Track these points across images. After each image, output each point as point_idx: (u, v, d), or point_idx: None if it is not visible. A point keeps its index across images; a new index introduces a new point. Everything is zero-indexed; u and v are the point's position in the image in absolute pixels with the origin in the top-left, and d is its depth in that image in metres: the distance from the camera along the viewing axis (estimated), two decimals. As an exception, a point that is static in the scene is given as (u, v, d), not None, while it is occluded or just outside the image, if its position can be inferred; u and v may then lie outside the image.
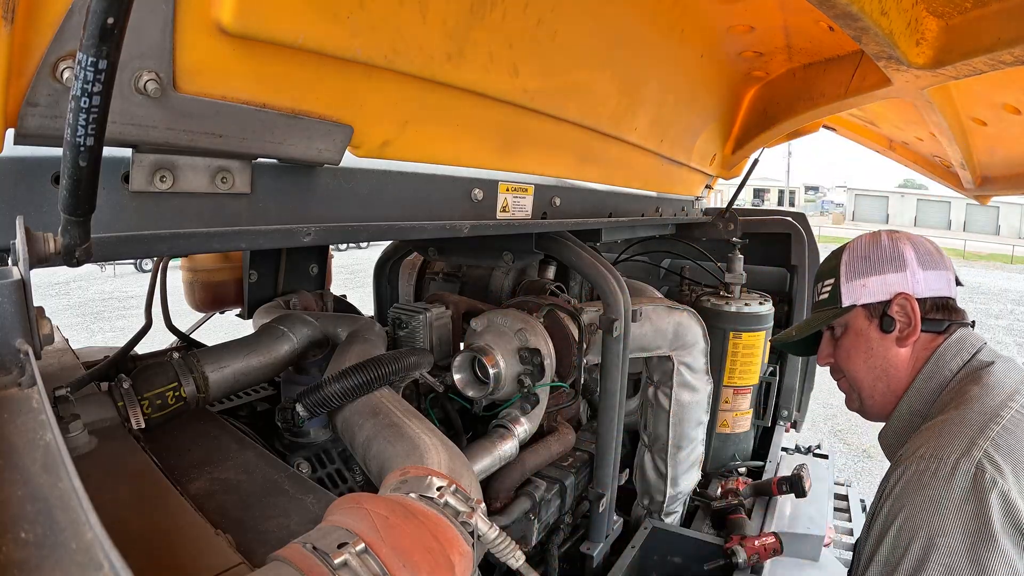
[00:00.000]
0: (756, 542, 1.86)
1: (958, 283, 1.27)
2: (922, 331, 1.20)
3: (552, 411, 1.66)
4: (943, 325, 1.21)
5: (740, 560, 1.83)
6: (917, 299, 1.21)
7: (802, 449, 3.36)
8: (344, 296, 2.09)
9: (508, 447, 1.42)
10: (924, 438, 1.03)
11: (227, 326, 2.31)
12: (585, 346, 1.60)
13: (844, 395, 1.37)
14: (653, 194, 2.22)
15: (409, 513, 0.70)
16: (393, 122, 0.98)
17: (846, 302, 1.27)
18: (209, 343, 1.49)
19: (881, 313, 1.23)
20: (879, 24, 1.18)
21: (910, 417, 1.21)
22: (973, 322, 1.26)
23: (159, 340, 1.70)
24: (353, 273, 13.62)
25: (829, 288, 1.32)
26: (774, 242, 2.94)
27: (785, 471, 2.44)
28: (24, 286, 0.51)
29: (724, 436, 2.54)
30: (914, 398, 1.20)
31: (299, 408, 1.13)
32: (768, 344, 2.53)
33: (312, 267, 2.02)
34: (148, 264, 12.55)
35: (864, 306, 1.25)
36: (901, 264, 1.23)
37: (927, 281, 1.22)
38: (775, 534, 1.90)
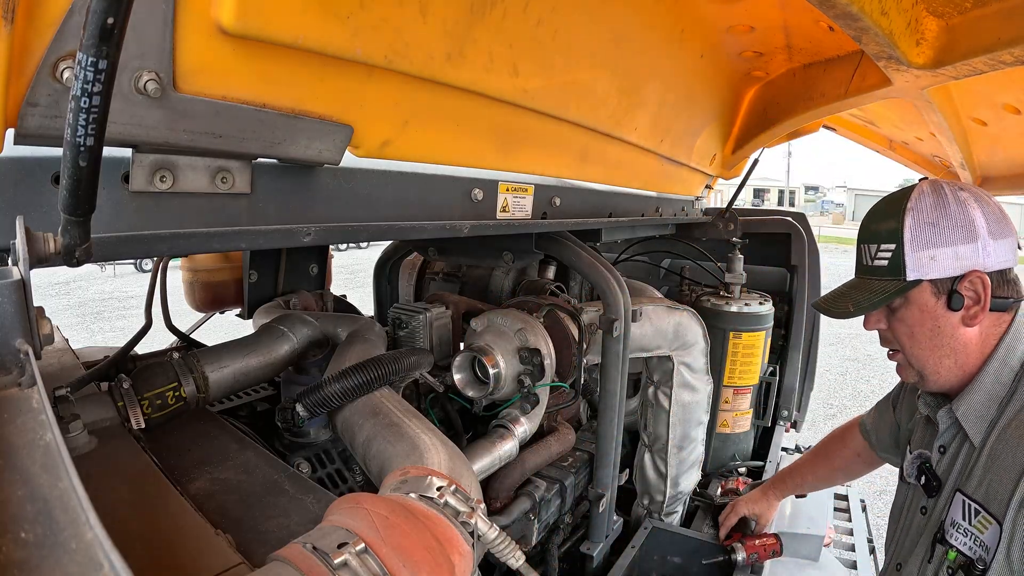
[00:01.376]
0: (756, 541, 1.86)
1: (1020, 247, 1.20)
2: (989, 310, 1.14)
3: (552, 411, 1.66)
4: (1008, 303, 1.15)
5: (739, 558, 1.83)
6: (988, 274, 1.13)
7: (802, 449, 3.36)
8: (344, 296, 2.09)
9: (508, 447, 1.42)
10: None
11: (227, 326, 2.31)
12: (585, 346, 1.60)
13: (897, 365, 1.29)
14: (653, 194, 2.22)
15: (409, 513, 0.70)
16: (393, 122, 0.98)
17: (912, 275, 1.15)
18: (209, 343, 1.49)
19: (950, 289, 1.14)
20: (879, 24, 1.18)
21: (988, 402, 1.15)
22: None
23: (159, 340, 1.70)
24: (353, 273, 13.62)
25: (888, 255, 1.19)
26: (774, 242, 2.94)
27: (785, 471, 2.44)
28: (24, 286, 0.51)
29: (724, 436, 2.54)
30: (990, 382, 1.15)
31: (299, 408, 1.13)
32: (768, 344, 2.53)
33: (312, 267, 2.02)
34: (148, 264, 12.56)
35: (931, 281, 1.15)
36: (972, 234, 1.12)
37: (997, 253, 1.13)
38: (775, 535, 1.90)
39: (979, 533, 1.08)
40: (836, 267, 10.89)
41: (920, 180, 1.24)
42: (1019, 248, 1.19)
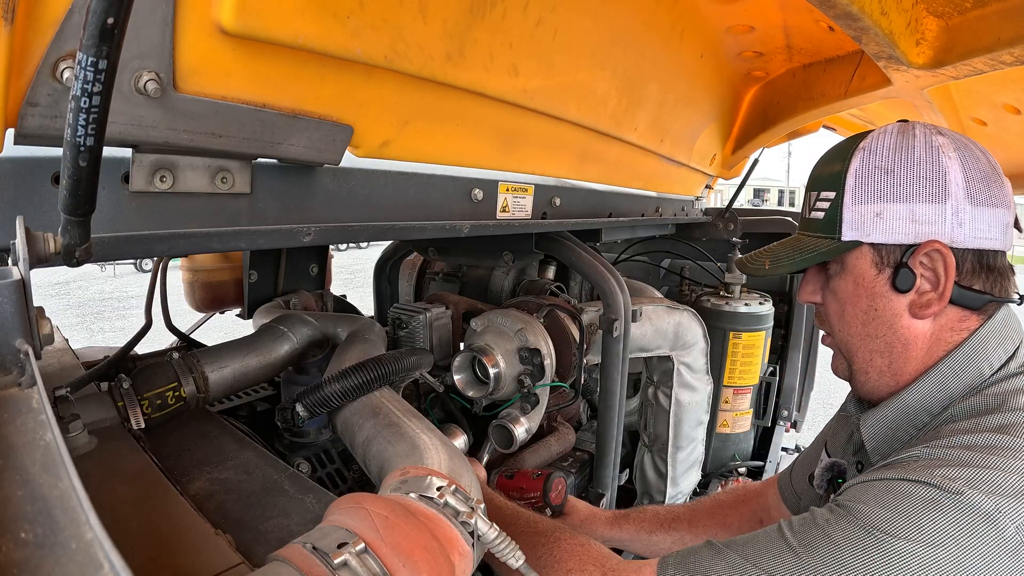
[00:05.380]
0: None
1: (1018, 228, 0.89)
2: (950, 303, 0.83)
3: (552, 411, 1.66)
4: (981, 301, 0.84)
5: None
6: (955, 251, 0.82)
7: (802, 449, 3.36)
8: (344, 296, 2.09)
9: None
10: (952, 456, 0.74)
11: (227, 326, 2.31)
12: (585, 346, 1.60)
13: (832, 355, 1.02)
14: (653, 194, 2.22)
15: (409, 513, 0.70)
16: (393, 122, 0.98)
17: (848, 235, 0.88)
18: (209, 343, 1.49)
19: (897, 262, 0.85)
20: (879, 24, 1.18)
21: (899, 427, 0.89)
22: (1023, 296, 0.89)
23: (159, 340, 1.70)
24: (353, 273, 13.62)
25: (827, 205, 0.91)
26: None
27: (785, 471, 2.44)
28: (24, 286, 0.51)
29: (724, 436, 2.54)
30: (930, 393, 0.86)
31: (299, 408, 1.13)
32: (768, 344, 2.53)
33: (312, 267, 2.02)
34: (148, 264, 12.55)
35: (873, 246, 0.87)
36: (940, 190, 0.82)
37: (974, 223, 0.82)
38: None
39: None
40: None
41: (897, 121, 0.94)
42: (1018, 230, 0.89)
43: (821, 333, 1.05)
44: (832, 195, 0.90)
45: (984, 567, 0.66)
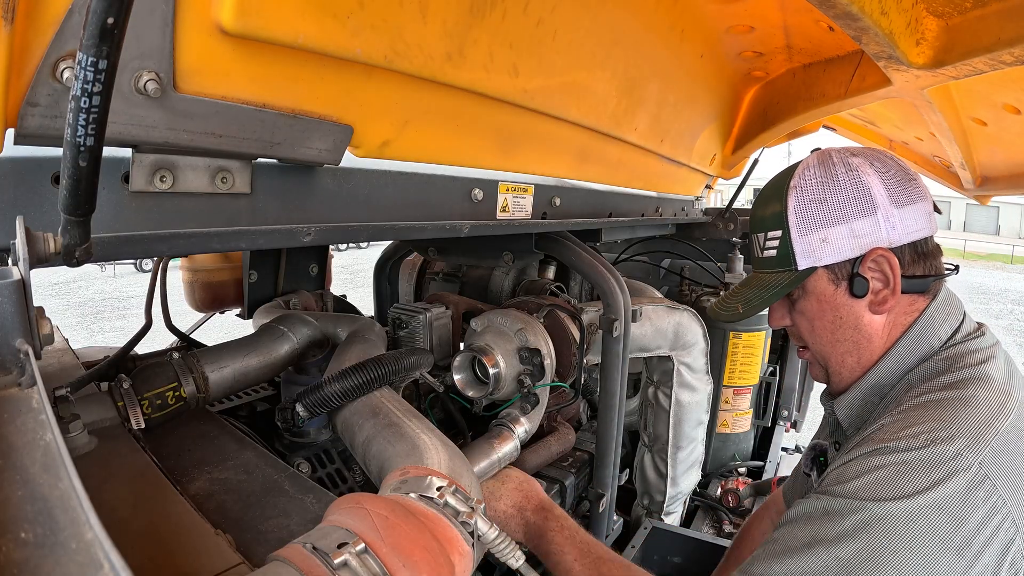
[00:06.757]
0: None
1: (937, 211, 1.02)
2: (903, 292, 0.97)
3: (552, 411, 1.66)
4: (926, 284, 0.98)
5: None
6: (894, 250, 0.96)
7: (802, 449, 3.36)
8: (344, 296, 2.09)
9: (508, 447, 1.42)
10: (912, 417, 0.85)
11: (227, 326, 2.31)
12: (585, 346, 1.60)
13: (808, 364, 1.15)
14: (653, 194, 2.22)
15: (409, 513, 0.70)
16: (393, 122, 0.98)
17: (803, 264, 1.00)
18: (209, 343, 1.49)
19: (850, 273, 0.98)
20: (879, 24, 1.18)
21: (864, 403, 1.02)
22: (957, 267, 1.05)
23: (159, 340, 1.70)
24: (353, 273, 13.62)
25: (776, 243, 1.03)
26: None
27: (785, 471, 2.44)
28: (24, 286, 0.51)
29: (724, 436, 2.54)
30: (888, 369, 0.99)
31: (299, 408, 1.13)
32: (768, 344, 2.53)
33: (312, 267, 2.02)
34: (148, 264, 12.56)
35: (827, 267, 1.00)
36: (869, 205, 0.95)
37: (904, 222, 0.96)
38: None
39: None
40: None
41: (811, 152, 1.08)
42: (936, 211, 1.01)
43: (795, 348, 1.15)
44: (779, 233, 1.03)
45: (960, 502, 0.76)
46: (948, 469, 0.77)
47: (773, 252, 1.04)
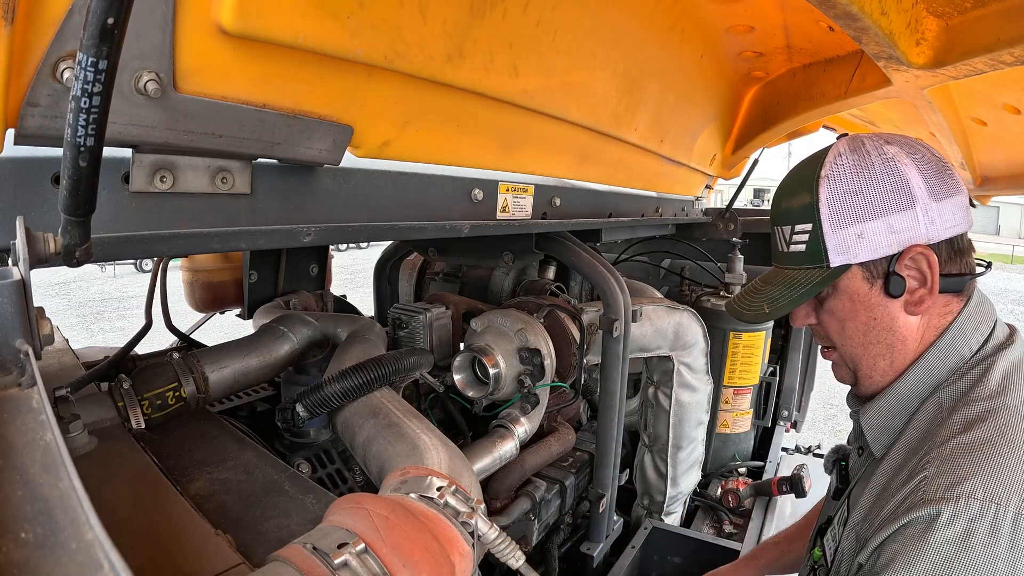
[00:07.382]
0: None
1: (972, 204, 0.97)
2: (940, 292, 0.90)
3: (552, 411, 1.66)
4: (962, 283, 0.91)
5: None
6: (932, 246, 0.88)
7: (802, 449, 3.36)
8: (344, 296, 2.09)
9: (508, 447, 1.42)
10: (960, 466, 0.77)
11: (227, 326, 2.31)
12: (585, 346, 1.60)
13: (832, 364, 1.07)
14: (653, 194, 2.22)
15: (409, 513, 0.70)
16: (393, 122, 0.98)
17: (836, 260, 0.92)
18: (209, 343, 1.49)
19: (886, 272, 0.90)
20: (879, 24, 1.18)
21: (894, 414, 0.96)
22: (989, 263, 0.98)
23: (159, 340, 1.70)
24: (353, 273, 13.62)
25: (806, 237, 0.95)
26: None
27: (785, 471, 2.44)
28: (24, 286, 0.51)
29: (724, 436, 2.54)
30: (919, 380, 0.93)
31: (299, 408, 1.13)
32: (768, 344, 2.53)
33: (312, 267, 2.02)
34: (148, 264, 12.55)
35: (862, 264, 0.92)
36: (908, 198, 0.87)
37: (943, 217, 0.88)
38: None
39: (841, 541, 0.97)
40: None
41: (838, 138, 0.99)
42: (972, 206, 0.97)
43: (820, 347, 1.10)
44: (809, 227, 0.94)
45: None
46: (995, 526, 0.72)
47: (802, 247, 0.96)
